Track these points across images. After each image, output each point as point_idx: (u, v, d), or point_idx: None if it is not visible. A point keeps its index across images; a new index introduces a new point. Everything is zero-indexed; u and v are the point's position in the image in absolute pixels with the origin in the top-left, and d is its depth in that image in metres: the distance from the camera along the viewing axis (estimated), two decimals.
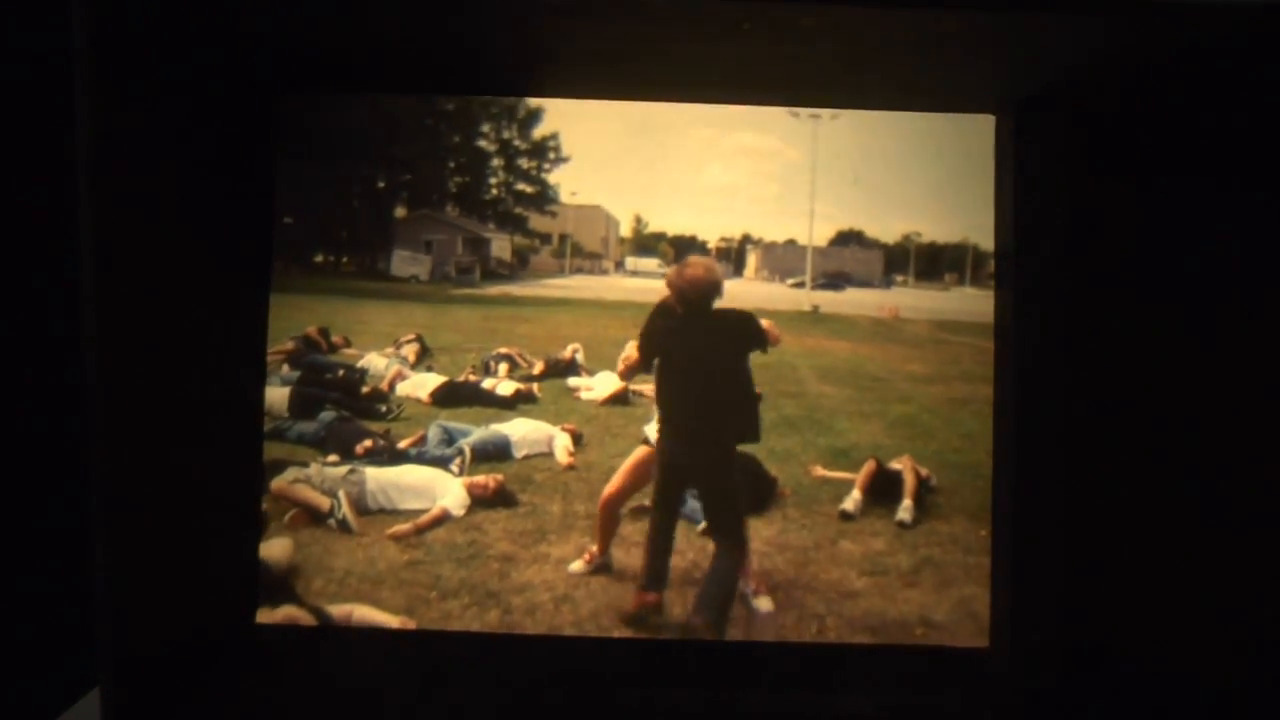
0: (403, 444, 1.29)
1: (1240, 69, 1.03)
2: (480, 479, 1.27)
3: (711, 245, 1.29)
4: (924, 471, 1.28)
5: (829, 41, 0.97)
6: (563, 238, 1.32)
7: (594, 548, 1.22)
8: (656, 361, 1.19)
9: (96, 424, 0.90)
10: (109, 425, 0.91)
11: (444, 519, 1.25)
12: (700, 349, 1.19)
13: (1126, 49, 0.97)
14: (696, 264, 1.19)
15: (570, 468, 1.29)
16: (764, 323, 1.19)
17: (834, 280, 1.33)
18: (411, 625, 1.18)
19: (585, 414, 1.33)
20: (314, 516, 1.22)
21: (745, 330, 1.20)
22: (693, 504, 1.26)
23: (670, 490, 1.20)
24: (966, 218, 1.23)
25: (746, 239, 1.28)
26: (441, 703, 1.05)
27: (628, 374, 1.21)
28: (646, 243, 1.29)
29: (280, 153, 1.19)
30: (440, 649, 1.16)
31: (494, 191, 1.30)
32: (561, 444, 1.30)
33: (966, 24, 0.91)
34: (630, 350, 1.19)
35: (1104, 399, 1.14)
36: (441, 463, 1.28)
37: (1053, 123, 1.09)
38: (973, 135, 1.19)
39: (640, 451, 1.22)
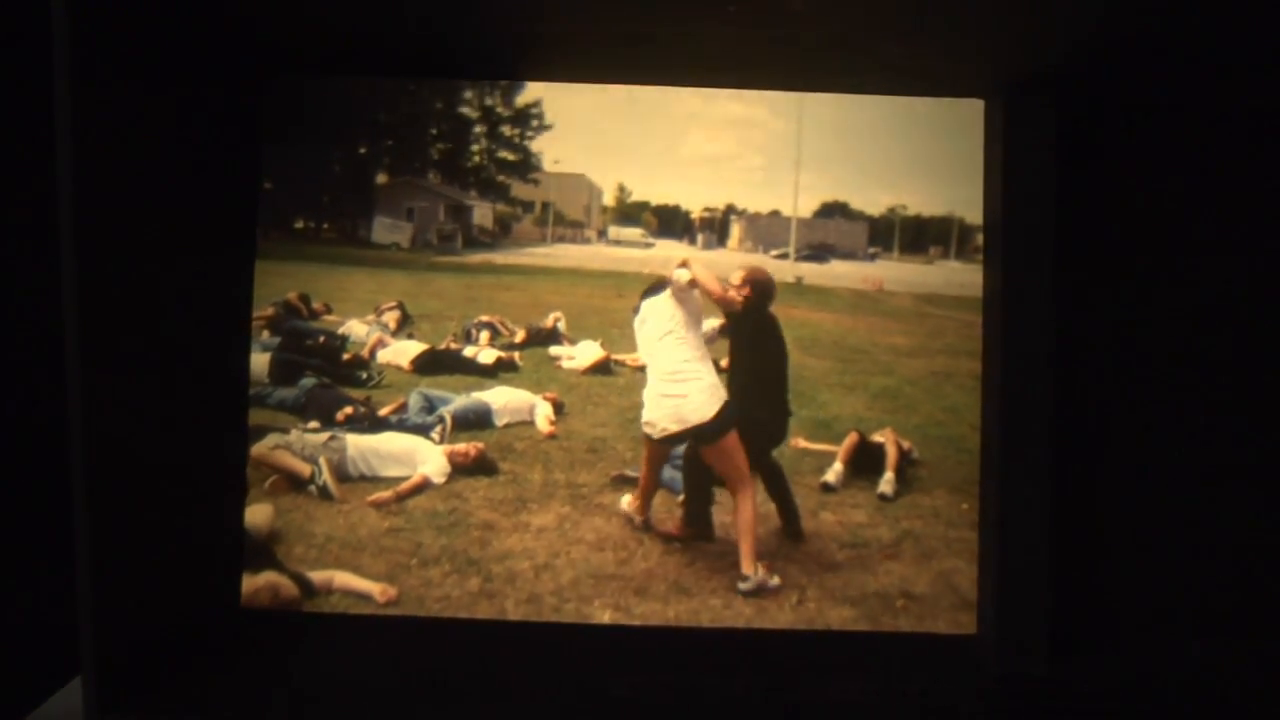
0: (383, 411, 1.28)
1: (1225, 54, 1.02)
2: (461, 447, 1.26)
3: (695, 215, 1.29)
4: (906, 444, 1.29)
5: (817, 25, 0.97)
6: (545, 206, 1.31)
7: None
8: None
9: (78, 405, 0.89)
10: (90, 407, 0.90)
11: (425, 486, 1.25)
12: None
13: (1114, 33, 0.97)
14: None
15: (551, 436, 1.29)
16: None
17: (818, 252, 1.33)
18: (393, 593, 1.18)
19: (566, 383, 1.33)
20: (294, 483, 1.22)
21: None
22: (672, 473, 1.27)
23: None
24: (952, 191, 1.23)
25: (730, 209, 1.28)
26: (428, 687, 1.05)
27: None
28: (629, 212, 1.29)
29: (264, 125, 1.19)
30: (427, 633, 1.16)
31: (476, 159, 1.29)
32: (543, 412, 1.30)
33: (956, 9, 0.90)
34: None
35: (1092, 380, 1.14)
36: (422, 430, 1.27)
37: (1041, 107, 1.09)
38: (959, 109, 1.19)
39: None
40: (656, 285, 1.26)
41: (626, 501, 1.25)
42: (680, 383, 1.23)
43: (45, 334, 0.94)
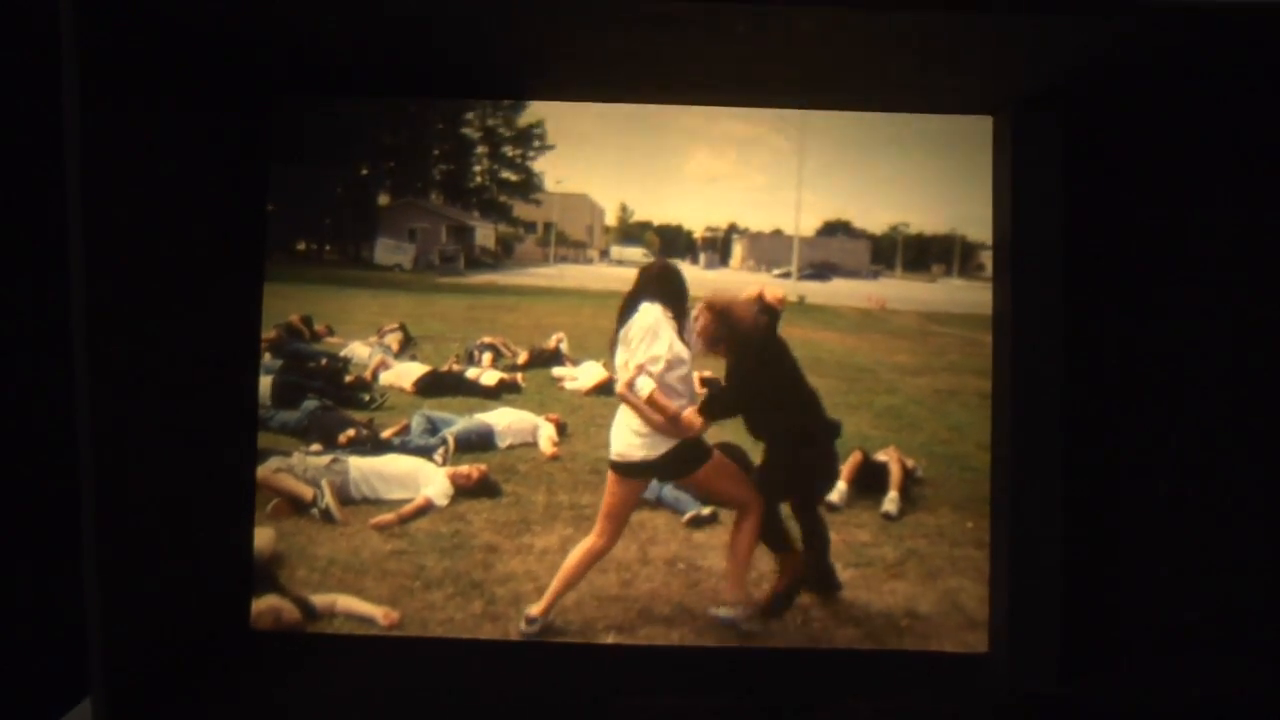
0: (386, 433, 1.28)
1: (1231, 70, 1.03)
2: (464, 469, 1.26)
3: (697, 235, 1.29)
4: (910, 463, 1.28)
5: (826, 44, 0.97)
6: (547, 226, 1.31)
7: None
8: None
9: (87, 427, 0.89)
10: (100, 429, 0.90)
11: (427, 509, 1.24)
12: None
13: (1122, 51, 0.97)
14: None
15: (554, 458, 1.29)
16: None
17: (820, 271, 1.32)
18: (395, 616, 1.18)
19: (569, 404, 1.33)
20: (297, 506, 1.22)
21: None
22: (675, 494, 1.26)
23: None
24: (954, 208, 1.23)
25: (732, 229, 1.27)
26: (436, 710, 1.05)
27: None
28: (632, 232, 1.29)
29: (272, 150, 1.19)
30: (435, 654, 1.16)
31: (478, 179, 1.29)
32: (545, 434, 1.30)
33: (963, 27, 0.91)
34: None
35: (1102, 397, 1.14)
36: (425, 452, 1.27)
37: (1049, 124, 1.09)
38: (960, 126, 1.19)
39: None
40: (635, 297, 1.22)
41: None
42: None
43: (54, 356, 0.94)
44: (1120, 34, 0.92)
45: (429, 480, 1.25)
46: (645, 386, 1.18)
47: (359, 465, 1.25)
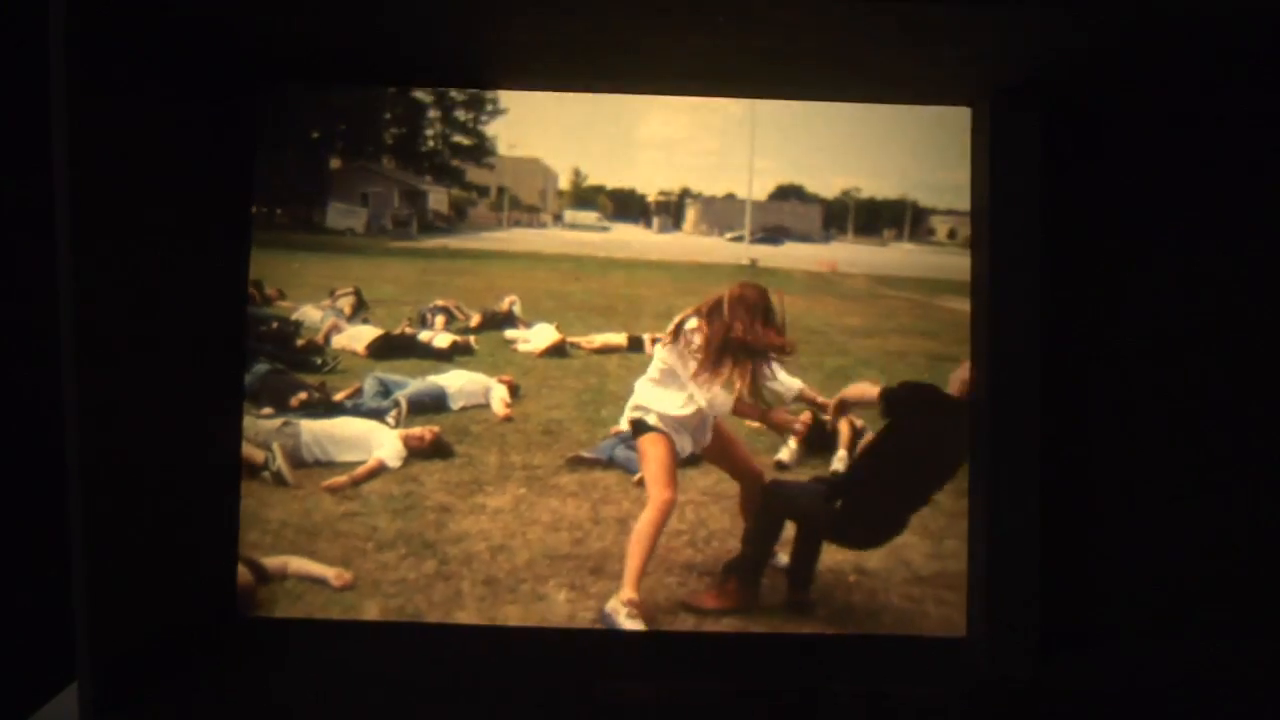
0: (338, 396, 1.28)
1: (1209, 58, 1.04)
2: (416, 430, 1.27)
3: (651, 199, 1.30)
4: (859, 423, 1.30)
5: (804, 35, 0.97)
6: (500, 190, 1.31)
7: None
8: None
9: (73, 412, 0.90)
10: (86, 417, 0.90)
11: (380, 470, 1.25)
12: None
13: (1103, 40, 0.98)
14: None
15: (507, 419, 1.29)
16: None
17: (773, 234, 1.34)
18: (348, 576, 1.19)
19: (522, 366, 1.33)
20: (248, 469, 1.22)
21: None
22: (626, 453, 1.27)
23: None
24: (906, 174, 1.24)
25: (685, 193, 1.28)
26: (421, 694, 1.06)
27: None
28: (585, 196, 1.29)
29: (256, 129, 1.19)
30: (424, 640, 1.17)
31: (431, 143, 1.29)
32: (498, 395, 1.30)
33: (942, 17, 0.91)
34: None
35: (1078, 383, 1.16)
36: (377, 415, 1.28)
37: (1028, 114, 1.10)
38: None
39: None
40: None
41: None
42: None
43: (40, 338, 0.94)
44: (1100, 22, 0.93)
45: (381, 442, 1.26)
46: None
47: (311, 428, 1.25)
